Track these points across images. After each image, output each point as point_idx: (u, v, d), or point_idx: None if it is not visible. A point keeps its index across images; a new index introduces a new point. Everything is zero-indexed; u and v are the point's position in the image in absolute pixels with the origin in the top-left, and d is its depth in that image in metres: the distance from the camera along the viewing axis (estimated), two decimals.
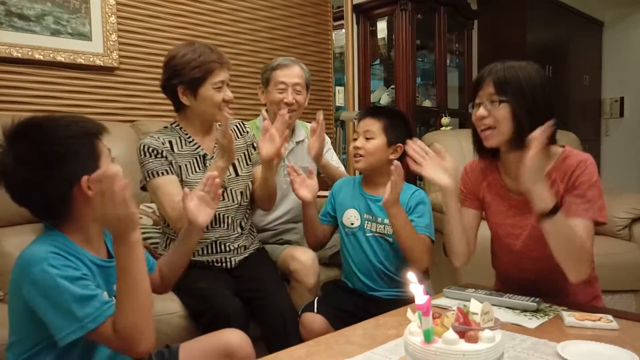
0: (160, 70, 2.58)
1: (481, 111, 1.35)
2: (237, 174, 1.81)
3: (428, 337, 0.82)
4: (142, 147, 1.68)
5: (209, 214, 1.37)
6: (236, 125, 1.91)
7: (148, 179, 1.66)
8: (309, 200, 1.73)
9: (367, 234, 1.73)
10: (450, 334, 0.81)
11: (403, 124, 1.77)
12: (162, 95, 2.69)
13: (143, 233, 1.92)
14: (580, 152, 1.39)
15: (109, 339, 1.02)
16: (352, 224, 1.77)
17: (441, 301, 1.41)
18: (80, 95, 2.33)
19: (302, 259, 1.83)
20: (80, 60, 2.31)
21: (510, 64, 1.34)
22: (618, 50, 5.57)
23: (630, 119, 5.55)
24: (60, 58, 2.25)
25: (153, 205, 2.12)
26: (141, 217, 1.98)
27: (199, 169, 1.74)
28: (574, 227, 1.28)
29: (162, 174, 1.66)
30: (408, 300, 0.96)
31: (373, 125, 1.73)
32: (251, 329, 1.53)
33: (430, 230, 1.69)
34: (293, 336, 1.58)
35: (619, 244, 2.51)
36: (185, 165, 1.72)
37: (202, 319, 1.55)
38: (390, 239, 1.71)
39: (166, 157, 1.68)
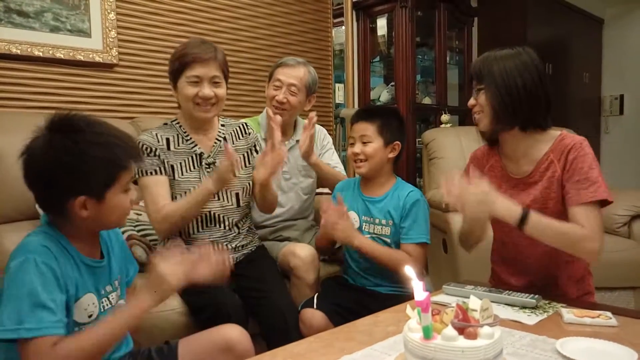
0: (160, 67, 2.60)
1: (471, 100, 1.49)
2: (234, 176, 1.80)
3: (427, 333, 0.82)
4: (138, 143, 1.69)
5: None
6: (239, 126, 1.91)
7: (138, 175, 1.68)
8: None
9: (365, 235, 1.74)
10: (450, 331, 0.81)
11: (396, 121, 1.78)
12: (162, 92, 2.69)
13: (142, 230, 1.92)
14: (576, 135, 1.45)
15: (41, 356, 0.98)
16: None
17: (440, 298, 1.41)
18: (80, 92, 2.33)
19: (302, 256, 1.83)
20: (80, 57, 2.30)
21: (487, 55, 1.47)
22: (618, 47, 5.56)
23: (630, 117, 5.54)
24: (59, 55, 2.25)
25: None
26: (140, 214, 1.98)
27: (194, 168, 1.73)
28: (575, 213, 1.34)
29: (151, 173, 1.67)
30: (408, 296, 0.96)
31: (368, 129, 1.73)
32: (250, 325, 1.54)
33: (423, 234, 1.70)
34: (293, 333, 1.58)
35: (618, 241, 2.51)
36: (180, 163, 1.72)
37: (202, 315, 1.55)
38: (388, 239, 1.72)
39: (159, 156, 1.69)
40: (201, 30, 2.73)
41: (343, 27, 3.56)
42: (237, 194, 1.79)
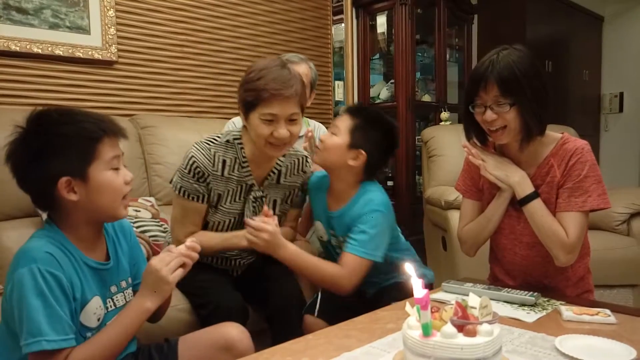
0: (159, 65, 2.59)
1: (491, 115, 1.36)
2: None
3: (426, 330, 0.82)
4: (190, 161, 1.54)
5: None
6: (298, 160, 1.71)
7: (178, 192, 1.57)
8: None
9: (337, 250, 1.66)
10: (449, 328, 0.81)
11: (379, 133, 1.58)
12: (161, 89, 2.67)
13: (141, 226, 1.92)
14: (578, 139, 1.43)
15: None
16: (321, 237, 1.74)
17: (440, 295, 1.41)
18: (79, 89, 2.33)
19: None
20: (79, 53, 2.30)
21: (506, 63, 1.33)
22: (618, 45, 5.56)
23: (629, 115, 5.54)
24: (58, 52, 2.24)
25: (151, 198, 2.12)
26: (139, 210, 1.98)
27: (239, 198, 1.62)
28: (562, 219, 1.36)
29: (193, 199, 1.56)
30: (407, 284, 0.92)
31: (343, 122, 1.59)
32: (250, 323, 1.54)
33: (365, 249, 1.51)
34: (295, 317, 1.59)
35: (618, 239, 2.51)
36: (228, 191, 1.60)
37: (202, 312, 1.55)
38: None
39: (208, 184, 1.56)
40: (201, 27, 2.73)
41: (343, 25, 3.57)
42: None
